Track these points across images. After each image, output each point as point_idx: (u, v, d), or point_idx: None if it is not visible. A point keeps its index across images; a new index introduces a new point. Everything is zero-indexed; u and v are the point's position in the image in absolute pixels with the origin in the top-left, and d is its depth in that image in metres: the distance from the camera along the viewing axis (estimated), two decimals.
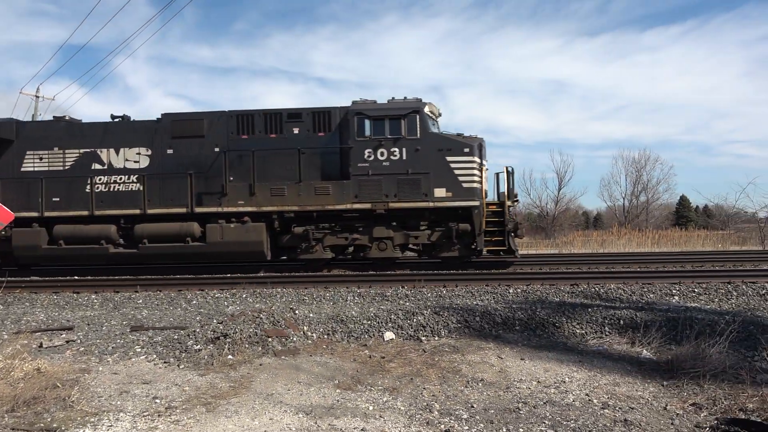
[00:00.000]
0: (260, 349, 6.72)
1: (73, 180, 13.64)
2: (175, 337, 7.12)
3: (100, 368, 6.23)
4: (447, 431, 4.42)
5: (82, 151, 13.78)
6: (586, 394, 5.31)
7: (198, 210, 13.34)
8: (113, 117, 14.26)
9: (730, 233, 29.38)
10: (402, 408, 4.95)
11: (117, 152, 13.72)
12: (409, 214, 13.18)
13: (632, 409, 4.91)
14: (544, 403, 5.06)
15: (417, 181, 12.92)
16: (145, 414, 4.78)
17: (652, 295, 9.50)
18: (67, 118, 14.36)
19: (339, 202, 13.01)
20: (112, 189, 13.59)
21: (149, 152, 13.67)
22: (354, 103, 13.43)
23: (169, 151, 13.63)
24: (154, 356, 6.61)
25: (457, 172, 12.91)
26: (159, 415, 4.74)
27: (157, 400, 5.13)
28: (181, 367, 6.21)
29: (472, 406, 4.97)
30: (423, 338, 7.42)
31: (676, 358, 6.03)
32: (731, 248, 22.03)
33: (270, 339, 6.92)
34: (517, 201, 14.14)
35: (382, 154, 13.01)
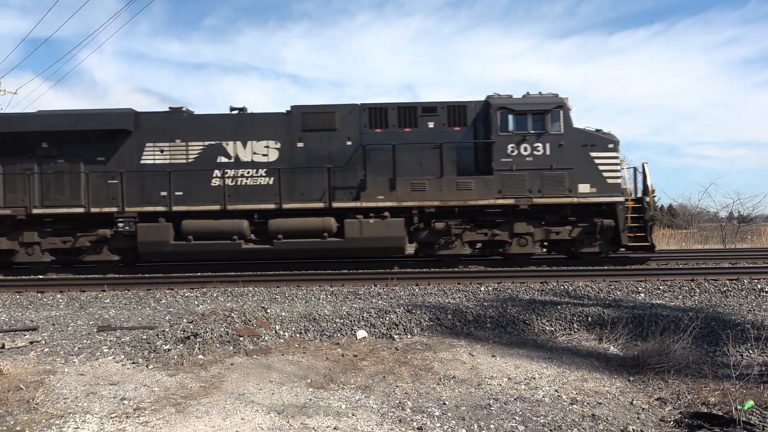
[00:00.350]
0: (231, 348, 6.65)
1: (197, 174, 13.30)
2: (144, 337, 7.00)
3: (66, 369, 6.09)
4: (419, 428, 4.45)
5: (206, 143, 13.46)
6: (556, 390, 5.40)
7: (336, 205, 13.15)
8: (232, 109, 13.99)
9: (693, 232, 30.19)
10: (374, 406, 4.96)
11: (244, 145, 13.44)
12: (549, 210, 13.23)
13: (600, 404, 5.02)
14: (515, 399, 5.14)
15: (561, 176, 12.99)
16: (112, 415, 4.69)
17: (618, 293, 9.71)
18: (184, 109, 13.94)
19: (482, 197, 13.02)
20: (239, 183, 13.33)
21: (278, 145, 13.44)
22: (489, 97, 13.43)
23: (300, 145, 13.44)
24: (122, 357, 6.48)
25: (601, 167, 13.04)
26: (127, 417, 4.66)
27: (125, 401, 5.04)
28: (149, 367, 6.11)
29: (444, 404, 5.02)
30: (396, 336, 7.44)
31: (641, 354, 6.19)
32: (694, 247, 22.62)
33: (241, 338, 6.86)
34: (654, 196, 14.34)
35: (525, 149, 13.08)
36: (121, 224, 13.09)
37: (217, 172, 13.28)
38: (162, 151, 13.48)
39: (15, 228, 13.31)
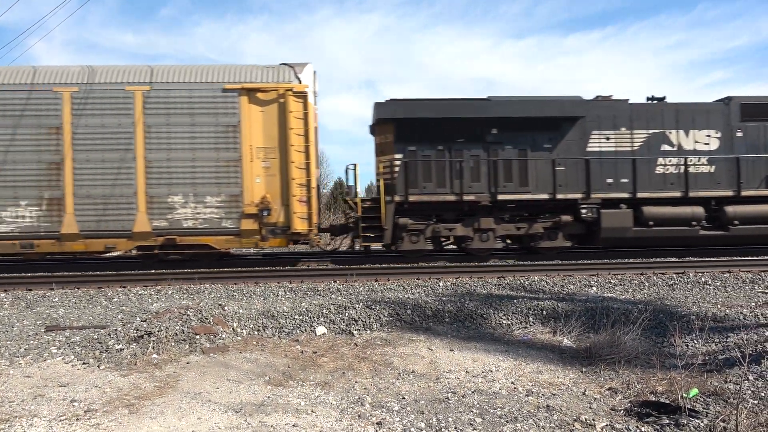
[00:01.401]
0: (187, 347, 6.52)
1: (640, 161, 13.68)
2: (95, 336, 6.78)
3: (11, 371, 5.84)
4: (379, 423, 4.47)
5: (650, 132, 13.89)
6: (512, 383, 5.52)
7: None
8: (649, 98, 14.32)
9: None
10: (334, 402, 4.96)
11: (686, 134, 13.92)
12: None
13: (554, 395, 5.16)
14: (473, 392, 5.22)
15: None
16: (62, 418, 4.53)
17: (572, 287, 9.98)
18: (612, 97, 14.12)
19: None
20: (683, 171, 13.71)
21: (718, 134, 13.96)
22: None
23: (739, 134, 13.99)
24: (72, 357, 6.27)
25: None
26: (77, 419, 4.51)
27: (76, 403, 4.87)
28: (101, 367, 5.93)
29: (404, 398, 5.05)
30: (355, 332, 7.45)
31: (594, 345, 6.38)
32: None
33: (198, 336, 6.73)
34: None
35: None
36: (584, 210, 13.33)
37: (661, 160, 13.81)
38: (608, 138, 13.83)
39: (468, 215, 13.42)
